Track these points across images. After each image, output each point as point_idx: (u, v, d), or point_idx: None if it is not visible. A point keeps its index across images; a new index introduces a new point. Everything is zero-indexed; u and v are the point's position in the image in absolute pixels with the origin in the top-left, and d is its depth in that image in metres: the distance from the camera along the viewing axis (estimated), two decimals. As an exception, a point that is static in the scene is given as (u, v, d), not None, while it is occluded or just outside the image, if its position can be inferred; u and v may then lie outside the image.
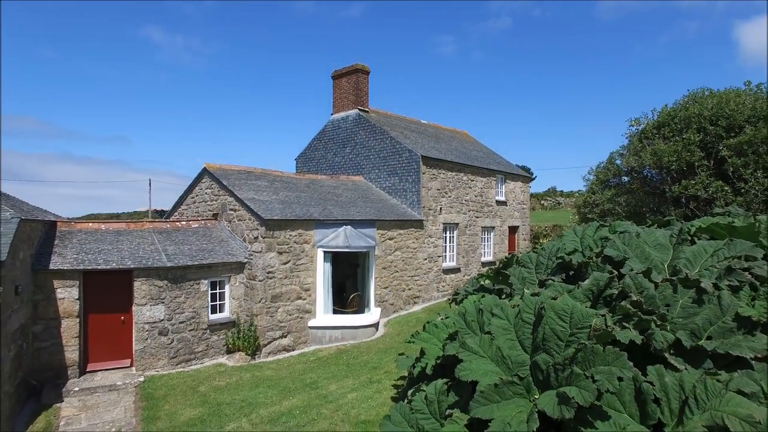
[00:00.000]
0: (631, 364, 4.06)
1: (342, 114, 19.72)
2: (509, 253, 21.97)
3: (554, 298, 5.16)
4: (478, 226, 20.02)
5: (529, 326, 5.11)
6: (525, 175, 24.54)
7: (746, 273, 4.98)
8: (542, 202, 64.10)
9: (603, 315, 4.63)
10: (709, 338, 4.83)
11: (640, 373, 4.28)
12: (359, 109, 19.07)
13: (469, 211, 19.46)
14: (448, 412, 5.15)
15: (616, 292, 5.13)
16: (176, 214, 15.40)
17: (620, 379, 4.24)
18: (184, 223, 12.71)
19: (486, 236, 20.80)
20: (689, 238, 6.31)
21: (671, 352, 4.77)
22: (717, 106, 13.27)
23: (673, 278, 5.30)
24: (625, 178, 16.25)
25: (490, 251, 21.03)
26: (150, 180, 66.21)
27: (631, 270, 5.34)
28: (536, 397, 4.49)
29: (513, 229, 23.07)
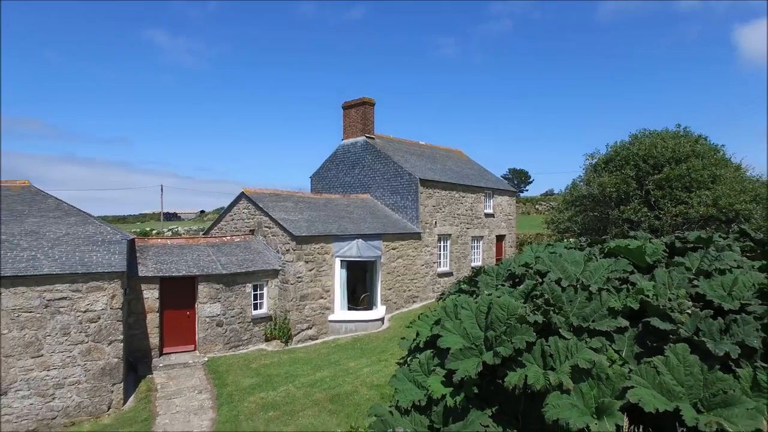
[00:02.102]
0: (535, 335, 6.85)
1: (351, 140, 22.52)
2: (497, 258, 24.79)
3: (499, 297, 7.97)
4: (469, 236, 22.80)
5: (484, 314, 7.88)
6: (511, 190, 27.32)
7: (616, 281, 7.80)
8: (537, 206, 65.99)
9: (525, 307, 7.43)
10: (593, 321, 7.62)
11: (545, 341, 7.08)
12: (366, 137, 21.87)
13: (460, 224, 22.24)
14: (432, 368, 7.96)
15: (539, 293, 7.94)
16: (216, 229, 18.19)
17: (533, 343, 7.04)
18: (228, 237, 15.52)
19: (475, 245, 23.57)
20: (596, 256, 9.13)
21: (569, 329, 7.57)
22: (648, 147, 16.08)
23: (576, 284, 8.11)
24: (587, 201, 19.06)
25: (480, 257, 23.79)
26: (162, 186, 69.16)
27: (549, 279, 8.15)
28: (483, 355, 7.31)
29: (500, 238, 25.82)
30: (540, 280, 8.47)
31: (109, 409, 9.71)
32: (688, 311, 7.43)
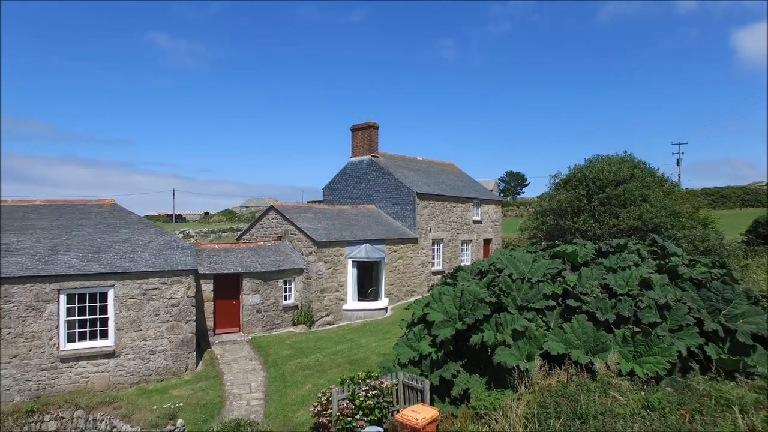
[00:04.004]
0: (490, 310, 9.94)
1: (358, 158, 25.64)
2: (483, 258, 27.82)
3: (469, 286, 11.09)
4: (459, 240, 25.91)
5: (459, 298, 11.00)
6: (497, 200, 30.47)
7: (550, 275, 10.90)
8: (530, 209, 68.42)
9: (485, 292, 10.54)
10: (532, 302, 10.72)
11: (498, 315, 10.18)
12: (371, 156, 25.00)
13: (451, 229, 25.36)
14: (422, 336, 11.07)
15: (496, 284, 11.06)
16: (247, 235, 21.31)
17: (489, 316, 10.15)
18: (262, 242, 18.65)
19: (465, 247, 26.67)
20: (543, 257, 12.25)
21: (516, 308, 10.67)
22: (597, 171, 19.32)
23: (524, 278, 11.21)
24: (550, 213, 22.19)
25: (469, 259, 26.88)
26: (174, 190, 72.35)
27: (504, 274, 11.27)
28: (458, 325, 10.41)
29: (487, 241, 28.91)
30: (498, 275, 11.64)
31: (186, 370, 12.81)
32: (594, 295, 10.69)
